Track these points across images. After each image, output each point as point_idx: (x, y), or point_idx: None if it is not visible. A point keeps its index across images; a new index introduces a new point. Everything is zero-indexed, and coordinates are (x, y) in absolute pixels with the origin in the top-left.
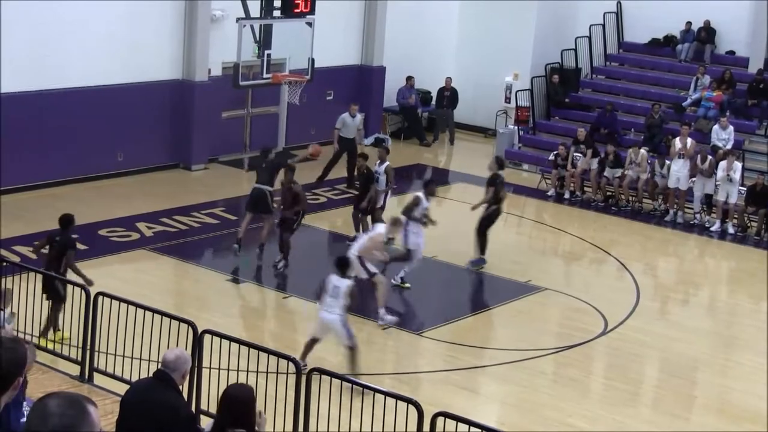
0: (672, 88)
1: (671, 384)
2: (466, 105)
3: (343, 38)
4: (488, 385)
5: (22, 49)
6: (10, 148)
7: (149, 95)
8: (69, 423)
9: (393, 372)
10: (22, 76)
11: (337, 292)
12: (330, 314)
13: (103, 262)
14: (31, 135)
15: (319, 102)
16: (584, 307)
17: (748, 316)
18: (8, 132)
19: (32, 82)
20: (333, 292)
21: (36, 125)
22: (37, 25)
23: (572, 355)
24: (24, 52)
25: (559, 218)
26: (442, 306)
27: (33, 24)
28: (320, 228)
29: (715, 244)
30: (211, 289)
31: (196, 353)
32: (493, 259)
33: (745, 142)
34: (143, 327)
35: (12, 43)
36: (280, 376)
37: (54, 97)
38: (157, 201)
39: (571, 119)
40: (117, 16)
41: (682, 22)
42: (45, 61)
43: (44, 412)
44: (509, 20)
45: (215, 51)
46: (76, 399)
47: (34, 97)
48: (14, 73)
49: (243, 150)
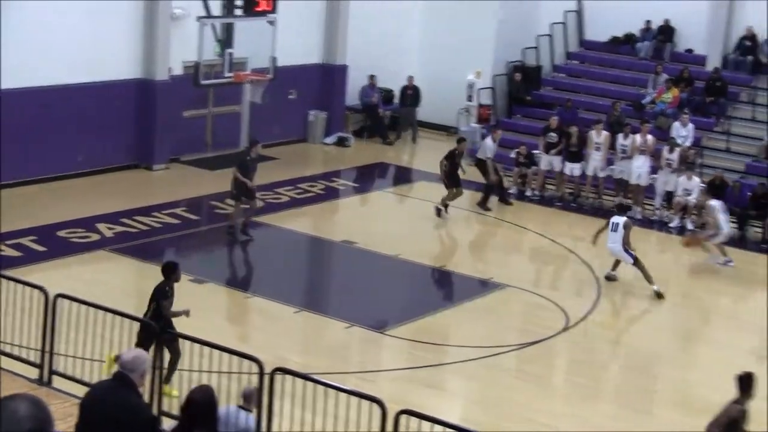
0: (632, 85)
1: (633, 379)
2: (428, 103)
3: (306, 37)
4: (452, 382)
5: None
6: None
7: (110, 95)
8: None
9: (356, 371)
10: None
11: (617, 227)
12: (613, 244)
13: (62, 263)
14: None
15: (282, 101)
16: (546, 304)
17: (707, 311)
18: None
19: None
20: (613, 228)
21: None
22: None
23: (535, 352)
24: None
25: (521, 215)
26: (404, 304)
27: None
28: (282, 227)
29: (675, 240)
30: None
31: (158, 355)
32: (455, 257)
33: (704, 139)
34: (103, 329)
35: None
36: (243, 376)
37: (14, 97)
38: (117, 201)
39: (533, 117)
40: (77, 15)
41: (642, 20)
42: (4, 61)
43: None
44: (471, 19)
45: (176, 50)
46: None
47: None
48: None
49: (205, 149)
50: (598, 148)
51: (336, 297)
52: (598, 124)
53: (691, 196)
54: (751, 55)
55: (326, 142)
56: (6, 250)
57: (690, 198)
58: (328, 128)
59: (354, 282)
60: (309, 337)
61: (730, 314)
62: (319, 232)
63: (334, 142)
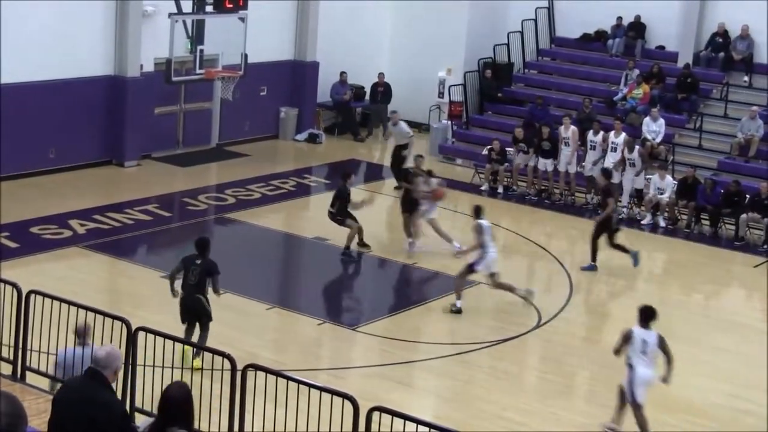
0: (603, 82)
1: (605, 376)
2: (399, 100)
3: (277, 34)
4: (423, 379)
5: None
6: None
7: (81, 91)
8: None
9: (328, 367)
10: None
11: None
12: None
13: (35, 259)
14: None
15: (253, 97)
16: (518, 301)
17: (679, 307)
18: None
19: None
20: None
21: None
22: None
23: (506, 349)
24: None
25: (492, 213)
26: (376, 301)
27: None
28: (254, 224)
29: (646, 237)
30: (146, 286)
31: (131, 351)
32: (427, 254)
33: (675, 136)
34: (76, 325)
35: None
36: (215, 373)
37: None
38: (89, 198)
39: (505, 114)
40: (49, 12)
41: (613, 17)
42: None
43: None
44: (442, 15)
45: (147, 46)
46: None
47: None
48: None
49: (176, 146)
50: (566, 143)
51: (308, 294)
52: (566, 119)
53: (665, 195)
54: (723, 52)
55: (297, 139)
56: None
57: (662, 197)
58: (299, 125)
59: (326, 279)
60: (281, 334)
61: (702, 311)
62: (291, 228)
63: (305, 139)
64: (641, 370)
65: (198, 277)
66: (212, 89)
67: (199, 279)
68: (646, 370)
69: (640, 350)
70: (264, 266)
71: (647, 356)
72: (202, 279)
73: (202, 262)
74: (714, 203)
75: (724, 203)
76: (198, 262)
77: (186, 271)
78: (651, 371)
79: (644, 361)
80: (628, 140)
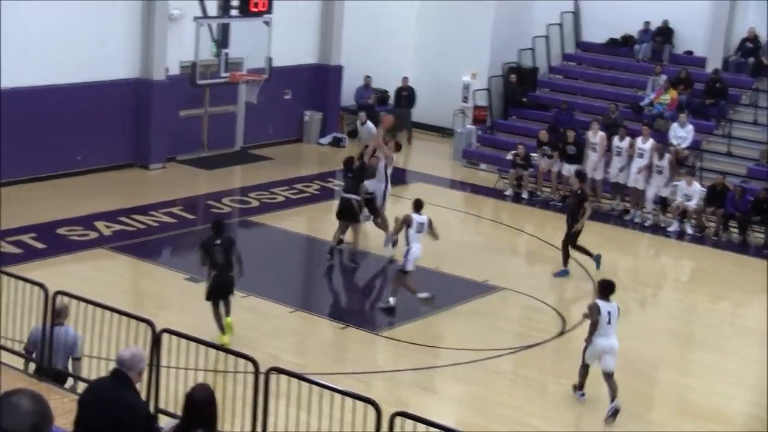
0: (629, 87)
1: (630, 384)
2: (423, 104)
3: (301, 37)
4: (446, 384)
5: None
6: None
7: (107, 94)
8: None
9: (351, 372)
10: None
11: None
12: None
13: (61, 261)
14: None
15: (277, 101)
16: (542, 307)
17: (706, 315)
18: None
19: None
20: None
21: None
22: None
23: (530, 355)
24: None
25: (516, 218)
26: (399, 305)
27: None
28: (278, 227)
29: (673, 244)
30: (170, 288)
31: (155, 352)
32: (451, 259)
33: (703, 142)
34: (102, 326)
35: None
36: (238, 376)
37: (13, 96)
38: (115, 200)
39: (529, 119)
40: (75, 16)
41: (640, 22)
42: (3, 60)
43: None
44: (467, 20)
45: (173, 50)
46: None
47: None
48: None
49: (200, 149)
50: (594, 149)
51: (331, 297)
52: (595, 124)
53: (692, 202)
54: (753, 57)
55: (321, 143)
56: (7, 247)
57: (690, 203)
58: (323, 128)
59: (349, 283)
60: (304, 337)
61: (730, 320)
62: (315, 232)
63: (329, 143)
64: (600, 341)
65: (223, 255)
66: (237, 92)
67: (225, 257)
68: (605, 340)
69: (605, 321)
70: (287, 269)
71: (611, 326)
72: (227, 256)
73: (222, 242)
74: (743, 210)
75: (754, 210)
76: (218, 242)
77: (210, 255)
78: (610, 339)
79: (607, 330)
80: (658, 147)
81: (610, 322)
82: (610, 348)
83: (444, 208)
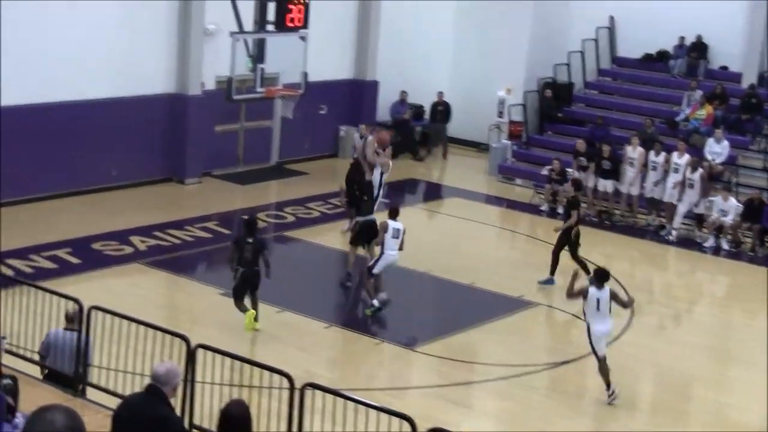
0: (665, 103)
1: (666, 399)
2: (459, 119)
3: (337, 52)
4: (481, 400)
5: (17, 64)
6: (5, 162)
7: (143, 109)
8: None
9: (386, 387)
10: (17, 90)
11: None
12: None
13: (96, 275)
14: (25, 149)
15: (313, 116)
16: (578, 323)
17: (742, 331)
18: (3, 146)
19: (27, 96)
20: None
21: (31, 139)
22: (32, 40)
23: (566, 371)
24: (18, 67)
25: (552, 233)
26: (435, 321)
27: (28, 39)
28: (313, 242)
29: (709, 260)
30: (205, 303)
31: (189, 368)
32: (486, 274)
33: (739, 158)
34: (136, 341)
35: (6, 58)
36: (273, 391)
37: (49, 111)
38: (150, 215)
39: (564, 134)
40: (112, 31)
41: (676, 37)
42: (39, 76)
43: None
44: (503, 35)
45: (209, 65)
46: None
47: (29, 111)
48: (8, 86)
49: (236, 164)
50: (632, 164)
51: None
52: (635, 139)
53: (728, 217)
54: None
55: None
56: (42, 262)
57: (726, 219)
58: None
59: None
60: (339, 353)
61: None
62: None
63: None
64: (596, 327)
65: (252, 254)
66: (272, 107)
67: (254, 256)
68: (601, 326)
69: (594, 307)
70: (323, 285)
71: (600, 311)
72: (255, 256)
73: (254, 241)
74: None
75: None
76: (250, 241)
77: (241, 251)
78: (605, 326)
79: (599, 317)
80: (692, 161)
81: (599, 309)
82: (607, 333)
83: (479, 223)
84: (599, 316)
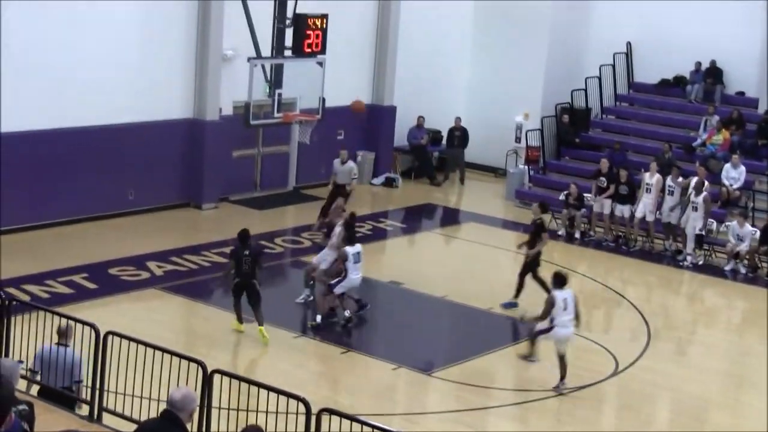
0: (682, 128)
1: (682, 424)
2: (476, 145)
3: (354, 78)
4: (498, 425)
5: (35, 88)
6: (23, 187)
7: (161, 134)
8: None
9: (403, 412)
10: (35, 114)
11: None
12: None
13: (113, 300)
14: (43, 173)
15: (330, 141)
16: (594, 348)
17: (758, 357)
18: (21, 170)
19: (45, 120)
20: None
21: (48, 163)
22: (51, 65)
23: (583, 396)
24: (37, 91)
25: (569, 258)
26: (451, 346)
27: (46, 63)
28: None
29: (726, 285)
30: (221, 328)
31: (206, 393)
32: (504, 299)
33: (756, 183)
34: (153, 366)
35: (25, 82)
36: (290, 417)
37: (66, 136)
38: (167, 240)
39: (582, 159)
40: (129, 56)
41: (692, 62)
42: (58, 100)
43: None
44: (520, 60)
45: (226, 90)
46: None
47: (47, 135)
48: (27, 111)
49: (253, 189)
50: (648, 190)
51: (383, 338)
52: (653, 165)
53: (744, 243)
54: None
55: (374, 183)
56: (58, 287)
57: (742, 245)
58: (376, 169)
59: (401, 323)
60: (356, 378)
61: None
62: (367, 272)
63: (382, 183)
64: (561, 331)
65: (250, 266)
66: (290, 133)
67: (252, 267)
68: (566, 330)
69: (562, 308)
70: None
71: (568, 312)
72: (253, 266)
73: (250, 253)
74: None
75: None
76: (247, 253)
77: (239, 263)
78: (568, 330)
79: (566, 316)
80: (698, 183)
81: (566, 309)
82: (568, 338)
83: (496, 248)
84: (566, 315)
